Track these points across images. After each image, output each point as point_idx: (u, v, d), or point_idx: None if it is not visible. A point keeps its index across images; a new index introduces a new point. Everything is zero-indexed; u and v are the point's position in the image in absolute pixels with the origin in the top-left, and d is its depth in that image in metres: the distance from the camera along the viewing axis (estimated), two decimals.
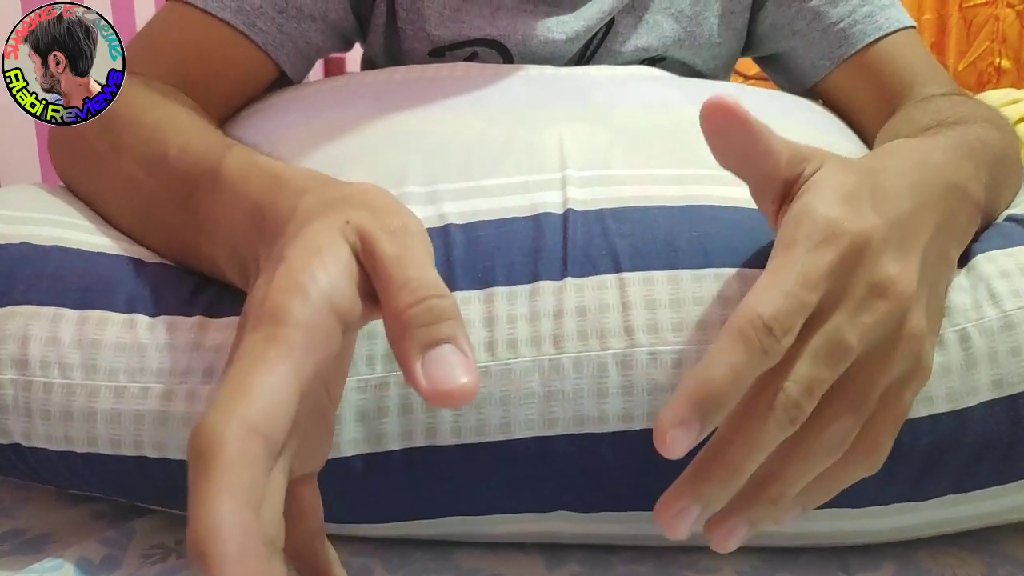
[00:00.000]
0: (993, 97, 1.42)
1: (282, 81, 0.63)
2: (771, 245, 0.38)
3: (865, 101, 0.63)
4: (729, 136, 0.35)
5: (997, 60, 2.45)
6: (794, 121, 0.55)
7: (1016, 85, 2.11)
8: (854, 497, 0.37)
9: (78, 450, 0.39)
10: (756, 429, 0.31)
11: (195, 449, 0.24)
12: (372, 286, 0.30)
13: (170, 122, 0.46)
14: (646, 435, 0.36)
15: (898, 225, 0.34)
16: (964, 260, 0.41)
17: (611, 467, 0.37)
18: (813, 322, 0.32)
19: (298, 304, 0.27)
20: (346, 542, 0.43)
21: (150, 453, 0.39)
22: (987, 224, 0.44)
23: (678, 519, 0.32)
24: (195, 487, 0.23)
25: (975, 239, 0.42)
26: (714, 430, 0.32)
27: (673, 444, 0.30)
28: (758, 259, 0.39)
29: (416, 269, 0.29)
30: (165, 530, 0.44)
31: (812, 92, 0.68)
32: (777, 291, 0.31)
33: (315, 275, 0.28)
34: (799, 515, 0.35)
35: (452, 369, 0.28)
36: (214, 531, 0.22)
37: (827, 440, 0.33)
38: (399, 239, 0.30)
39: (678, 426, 0.30)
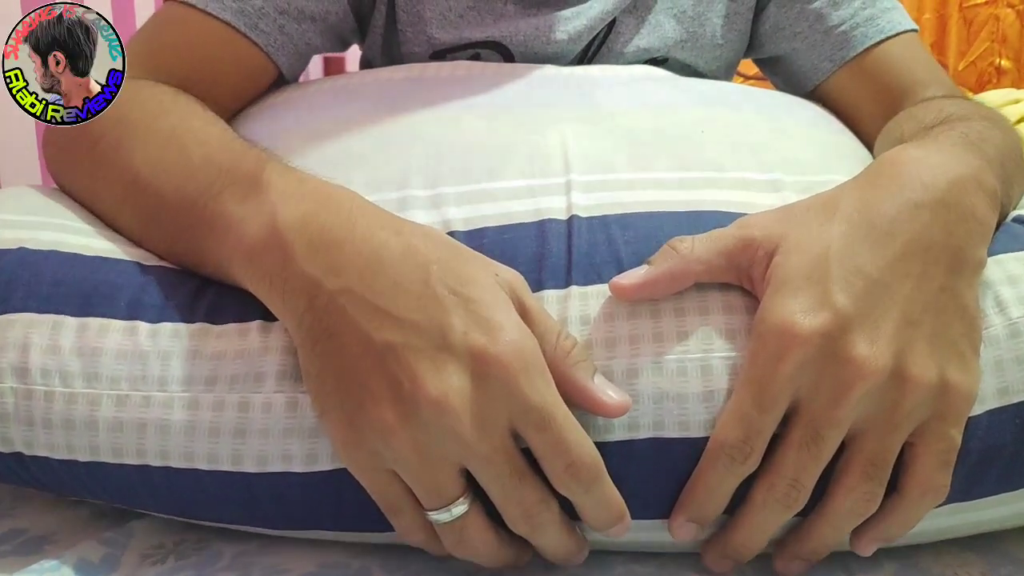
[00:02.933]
0: (993, 97, 1.41)
1: (278, 82, 0.63)
2: None
3: (866, 104, 0.63)
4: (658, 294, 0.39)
5: (997, 60, 2.44)
6: (796, 122, 0.54)
7: (1016, 85, 2.11)
8: None
9: (80, 459, 0.39)
10: (757, 516, 0.36)
11: (586, 467, 0.34)
12: None
13: (188, 129, 0.46)
14: (651, 444, 0.37)
15: (866, 296, 0.35)
16: None
17: (614, 476, 0.37)
18: (795, 415, 0.36)
19: (533, 342, 0.35)
20: (345, 543, 0.43)
21: (153, 462, 0.39)
22: (1000, 219, 0.43)
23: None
24: (603, 490, 0.35)
25: None
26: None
27: (681, 537, 0.38)
28: None
29: (554, 320, 0.37)
30: (164, 531, 0.44)
31: (813, 95, 0.67)
32: (736, 417, 0.36)
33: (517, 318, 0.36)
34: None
35: (616, 391, 0.36)
36: (621, 506, 0.36)
37: (849, 508, 0.36)
38: (531, 295, 0.38)
39: (680, 527, 0.37)
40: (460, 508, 0.35)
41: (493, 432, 0.34)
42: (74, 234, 0.45)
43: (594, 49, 0.67)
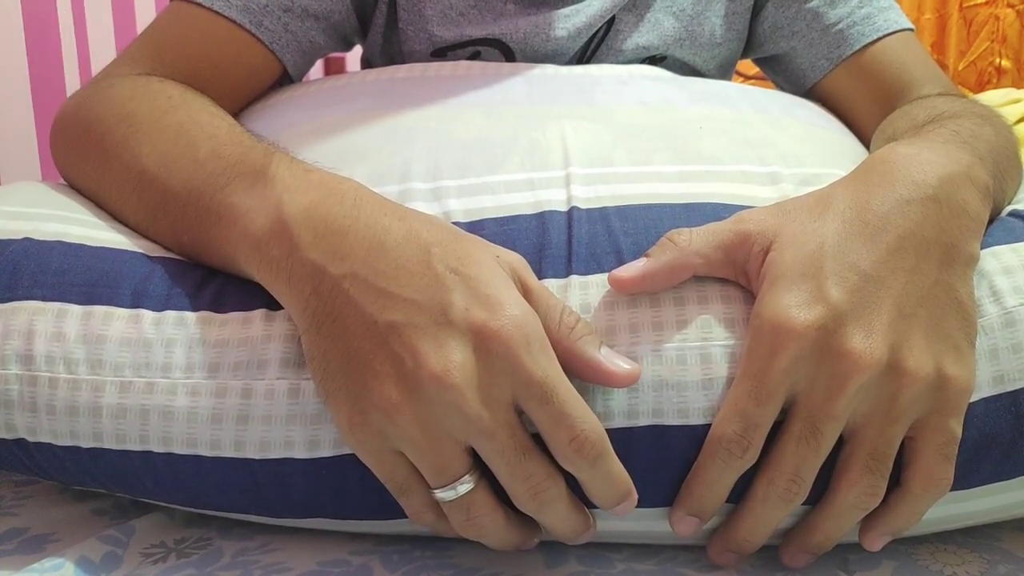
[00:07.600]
0: (993, 97, 1.41)
1: (283, 80, 0.63)
2: None
3: (863, 102, 0.64)
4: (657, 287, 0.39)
5: (997, 60, 2.44)
6: (794, 119, 0.55)
7: (1016, 85, 2.11)
8: None
9: (83, 445, 0.40)
10: (758, 510, 0.37)
11: (590, 440, 0.34)
12: None
13: (195, 123, 0.47)
14: (650, 431, 0.37)
15: (860, 290, 0.36)
16: None
17: None
18: (793, 409, 0.36)
19: (534, 318, 0.35)
20: (346, 541, 0.43)
21: (156, 448, 0.39)
22: (994, 214, 0.44)
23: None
24: (608, 465, 0.35)
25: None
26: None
27: (682, 531, 0.38)
28: None
29: (556, 298, 0.37)
30: (165, 529, 0.44)
31: (811, 94, 0.68)
32: (734, 411, 0.36)
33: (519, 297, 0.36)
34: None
35: (625, 360, 0.36)
36: (627, 483, 0.36)
37: (852, 503, 0.37)
38: (533, 275, 0.38)
39: (680, 521, 0.38)
40: (465, 486, 0.35)
41: (496, 407, 0.34)
42: (79, 225, 0.45)
43: (593, 46, 0.67)
